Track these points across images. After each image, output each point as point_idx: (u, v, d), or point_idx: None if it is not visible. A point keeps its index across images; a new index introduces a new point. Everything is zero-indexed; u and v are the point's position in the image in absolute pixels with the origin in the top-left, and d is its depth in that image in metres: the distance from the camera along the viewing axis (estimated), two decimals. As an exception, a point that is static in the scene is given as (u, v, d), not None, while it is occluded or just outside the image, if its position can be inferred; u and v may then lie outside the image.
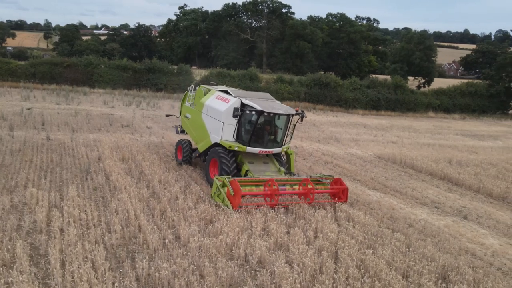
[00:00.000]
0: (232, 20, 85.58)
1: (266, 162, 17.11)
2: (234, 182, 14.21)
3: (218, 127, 16.52)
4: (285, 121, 16.76)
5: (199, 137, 18.11)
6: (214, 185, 14.86)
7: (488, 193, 20.30)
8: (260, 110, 15.54)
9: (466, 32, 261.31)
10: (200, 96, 18.38)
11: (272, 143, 16.93)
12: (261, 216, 14.13)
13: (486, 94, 52.85)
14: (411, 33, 78.36)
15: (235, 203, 13.93)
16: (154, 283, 9.73)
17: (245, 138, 16.31)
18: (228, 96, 16.92)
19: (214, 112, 16.82)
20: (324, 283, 10.10)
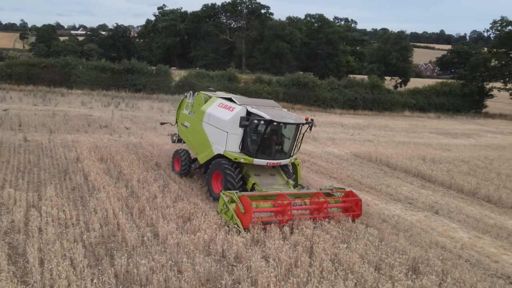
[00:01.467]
0: (211, 21, 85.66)
1: (273, 174, 16.02)
2: (244, 198, 13.04)
3: (221, 137, 15.38)
4: (294, 131, 15.72)
5: (199, 147, 16.92)
6: (221, 201, 13.73)
7: (460, 189, 20.95)
8: (269, 120, 14.45)
9: (442, 32, 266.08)
10: (200, 103, 17.19)
11: (280, 154, 15.84)
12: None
13: (460, 94, 54.14)
14: (388, 33, 79.74)
15: (246, 222, 12.77)
16: (132, 279, 9.92)
17: (251, 149, 15.19)
18: (232, 104, 15.80)
19: (217, 121, 15.66)
20: (299, 276, 10.44)
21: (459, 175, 22.93)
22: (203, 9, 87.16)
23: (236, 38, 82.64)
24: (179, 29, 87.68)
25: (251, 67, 79.12)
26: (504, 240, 15.06)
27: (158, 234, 12.37)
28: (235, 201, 13.27)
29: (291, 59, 78.54)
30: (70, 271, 9.68)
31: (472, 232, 15.45)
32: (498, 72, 55.21)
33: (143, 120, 30.45)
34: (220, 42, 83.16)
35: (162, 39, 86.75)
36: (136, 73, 43.31)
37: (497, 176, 23.45)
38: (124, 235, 11.97)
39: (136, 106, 36.17)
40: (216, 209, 14.14)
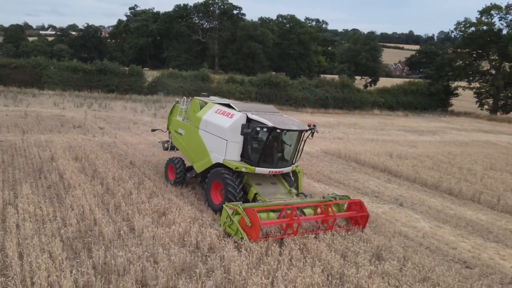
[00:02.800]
0: (183, 21, 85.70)
1: (274, 183, 15.35)
2: (250, 211, 12.39)
3: (220, 146, 14.70)
4: (296, 138, 15.08)
5: (195, 155, 16.16)
6: (224, 214, 13.00)
7: (423, 182, 21.98)
8: (272, 127, 13.82)
9: (411, 33, 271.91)
10: (195, 109, 16.37)
11: (282, 162, 15.20)
12: (210, 211, 15.13)
13: (427, 93, 55.89)
14: (358, 34, 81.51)
15: (254, 235, 12.13)
16: (110, 270, 10.37)
17: (252, 157, 14.50)
18: (231, 110, 15.10)
19: (215, 129, 14.96)
20: (269, 264, 11.12)
21: (423, 169, 23.98)
22: (175, 9, 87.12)
23: (208, 38, 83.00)
24: (151, 29, 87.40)
25: (224, 68, 79.61)
26: (463, 229, 16.04)
27: (134, 228, 12.82)
28: (239, 214, 12.59)
29: (263, 59, 79.37)
30: (49, 263, 10.06)
31: (434, 222, 16.37)
32: (463, 71, 57.20)
33: (117, 120, 30.62)
34: (192, 42, 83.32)
35: (134, 39, 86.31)
36: (108, 74, 43.26)
37: (459, 170, 24.63)
38: (101, 230, 12.39)
39: (109, 107, 36.25)
40: (219, 222, 13.37)
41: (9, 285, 9.33)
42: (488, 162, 27.75)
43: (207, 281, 10.07)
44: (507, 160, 28.90)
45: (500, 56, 55.35)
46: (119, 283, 9.68)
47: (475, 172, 24.41)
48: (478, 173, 24.21)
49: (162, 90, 43.03)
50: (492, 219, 17.50)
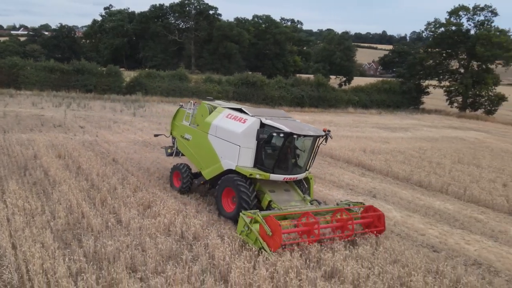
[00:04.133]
0: (159, 21, 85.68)
1: (287, 190, 14.95)
2: (271, 219, 11.96)
3: (233, 151, 14.22)
4: (312, 143, 14.71)
5: (204, 161, 15.61)
6: (241, 222, 12.63)
7: (395, 176, 23.07)
8: (290, 132, 13.53)
9: (384, 33, 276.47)
10: (203, 114, 15.82)
11: (296, 168, 14.87)
12: (195, 201, 15.86)
13: (399, 91, 57.51)
14: (332, 34, 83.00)
15: (275, 244, 11.72)
16: (101, 258, 10.97)
17: (267, 163, 14.12)
18: (243, 115, 14.63)
19: (227, 134, 14.46)
20: (251, 250, 11.90)
21: (395, 163, 25.09)
22: (151, 9, 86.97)
23: (185, 38, 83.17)
24: (127, 29, 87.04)
25: (200, 68, 79.97)
26: (431, 217, 17.12)
27: (121, 220, 13.42)
28: (259, 222, 12.19)
29: (240, 59, 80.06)
30: (42, 252, 10.61)
31: (404, 212, 17.38)
32: (433, 70, 58.94)
33: (97, 119, 30.91)
34: (169, 42, 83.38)
35: (109, 39, 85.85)
36: (86, 74, 43.27)
37: (428, 164, 25.84)
38: (89, 222, 12.93)
39: (88, 106, 36.42)
40: (235, 231, 12.99)
41: (4, 273, 9.83)
42: (456, 156, 29.08)
43: (193, 266, 10.74)
44: (474, 154, 30.32)
45: (468, 56, 57.26)
46: (110, 269, 10.27)
47: (444, 166, 25.64)
48: (446, 167, 25.45)
49: (140, 90, 43.31)
50: (459, 208, 18.64)
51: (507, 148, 34.72)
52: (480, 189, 20.96)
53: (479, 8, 56.32)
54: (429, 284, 10.91)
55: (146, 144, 24.72)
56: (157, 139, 24.40)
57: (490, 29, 55.37)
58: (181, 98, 44.05)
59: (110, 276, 10.02)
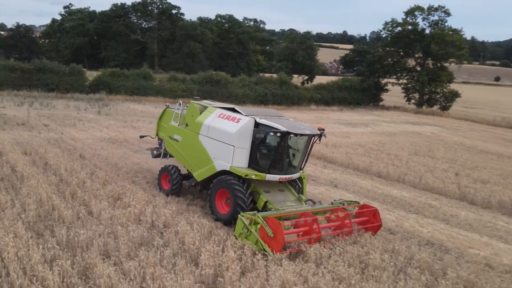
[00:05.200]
0: (121, 21, 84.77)
1: (282, 190, 14.73)
2: (272, 220, 11.84)
3: (226, 152, 13.93)
4: (306, 142, 14.52)
5: (195, 163, 15.25)
6: (240, 224, 12.40)
7: (356, 167, 24.16)
8: (286, 131, 13.30)
9: (345, 33, 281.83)
10: (194, 114, 15.47)
11: (291, 168, 14.70)
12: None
13: (360, 88, 59.14)
14: (294, 33, 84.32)
15: (277, 246, 11.54)
16: (74, 246, 11.37)
17: (262, 164, 13.92)
18: (236, 114, 14.41)
19: (220, 134, 14.16)
20: (220, 235, 12.59)
21: (355, 156, 26.21)
22: (113, 8, 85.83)
23: (147, 38, 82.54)
24: (88, 29, 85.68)
25: (164, 67, 79.64)
26: (389, 204, 18.23)
27: (92, 211, 13.79)
28: (259, 223, 12.03)
29: (203, 58, 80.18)
30: (16, 241, 10.92)
31: (364, 200, 18.32)
32: (391, 68, 60.81)
33: (61, 117, 30.75)
34: (131, 42, 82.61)
35: (69, 39, 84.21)
36: (48, 73, 42.59)
37: (387, 156, 27.10)
38: (60, 213, 13.25)
39: (51, 105, 36.04)
40: (234, 234, 12.72)
41: (-22, 262, 10.13)
42: (413, 149, 30.56)
43: (165, 251, 11.30)
44: (429, 147, 31.90)
45: (424, 54, 59.43)
46: (84, 255, 10.72)
47: (401, 157, 26.97)
48: (403, 158, 26.78)
49: (104, 89, 43.06)
50: (414, 195, 19.86)
51: (460, 141, 36.62)
52: (434, 178, 22.29)
53: (433, 8, 58.58)
54: (386, 261, 11.85)
55: (113, 141, 24.92)
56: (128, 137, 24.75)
57: (444, 29, 57.69)
58: (146, 97, 44.17)
59: (84, 261, 10.46)
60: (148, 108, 38.89)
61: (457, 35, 56.73)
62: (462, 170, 24.88)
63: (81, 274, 10.07)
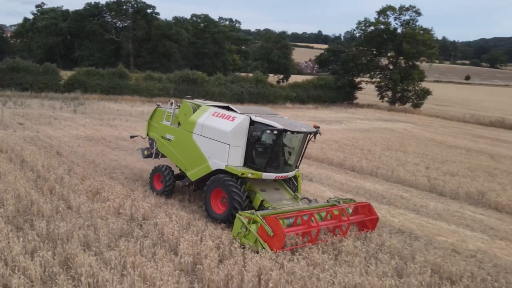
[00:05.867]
0: (95, 20, 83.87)
1: (277, 189, 14.68)
2: (272, 219, 11.77)
3: (221, 151, 13.76)
4: (302, 140, 14.44)
5: (189, 162, 15.04)
6: (238, 224, 12.26)
7: (330, 162, 24.77)
8: (283, 129, 13.18)
9: (320, 33, 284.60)
10: (187, 113, 15.30)
11: (287, 166, 14.59)
12: (142, 187, 16.61)
13: (334, 87, 60.12)
14: (269, 33, 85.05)
15: (278, 245, 11.49)
16: (55, 238, 11.56)
17: (258, 162, 13.82)
18: (231, 112, 14.32)
19: (215, 133, 14.01)
20: (198, 226, 12.96)
21: (330, 151, 26.83)
22: (86, 7, 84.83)
23: (122, 37, 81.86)
24: (61, 28, 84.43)
25: (139, 67, 79.21)
26: (362, 196, 18.82)
27: (71, 206, 13.96)
28: (258, 222, 11.95)
29: (179, 58, 79.99)
30: (-3, 234, 11.07)
31: (338, 192, 18.95)
32: (365, 67, 61.99)
33: (36, 116, 30.52)
34: (106, 41, 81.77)
35: (42, 38, 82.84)
36: (21, 72, 42.09)
37: (360, 151, 27.82)
38: (39, 208, 13.38)
39: (26, 104, 35.65)
40: (231, 232, 12.61)
41: (-41, 254, 10.25)
42: (386, 144, 31.40)
43: (145, 241, 11.60)
44: (401, 143, 32.81)
45: (396, 53, 60.79)
46: (65, 246, 10.94)
47: (374, 152, 27.72)
48: (376, 153, 27.55)
49: (79, 88, 42.75)
50: (386, 188, 20.55)
51: (431, 137, 37.74)
52: (405, 171, 23.06)
53: (405, 8, 59.98)
54: (358, 248, 12.40)
55: (89, 139, 24.94)
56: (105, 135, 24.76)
57: (415, 28, 59.11)
58: (122, 96, 44.03)
59: (65, 252, 10.69)
60: (124, 107, 38.85)
61: (428, 34, 58.23)
62: (432, 164, 25.73)
63: (62, 264, 10.31)
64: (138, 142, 20.65)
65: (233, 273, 10.22)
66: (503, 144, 37.85)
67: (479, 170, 25.19)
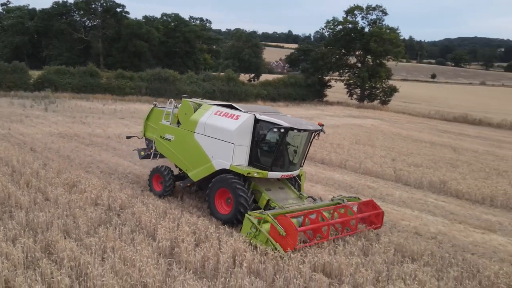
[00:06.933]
0: (63, 19, 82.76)
1: (282, 188, 14.51)
2: (283, 218, 11.52)
3: (226, 150, 13.54)
4: (307, 138, 14.31)
5: (191, 162, 14.73)
6: (247, 224, 12.02)
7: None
8: (290, 127, 12.98)
9: (290, 33, 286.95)
10: (187, 112, 14.95)
11: (292, 165, 14.38)
12: (117, 180, 17.00)
13: (304, 85, 61.24)
14: (240, 32, 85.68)
15: (290, 244, 11.26)
16: (34, 227, 11.87)
17: (264, 161, 13.62)
18: (235, 111, 14.08)
19: (218, 132, 13.75)
20: (174, 214, 13.48)
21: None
22: (54, 6, 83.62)
23: (92, 37, 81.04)
24: (28, 27, 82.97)
25: (109, 66, 78.61)
26: (331, 186, 19.67)
27: (49, 197, 14.23)
28: (269, 222, 11.68)
29: (150, 57, 79.73)
30: (-25, 225, 11.33)
31: (308, 183, 19.64)
32: (334, 65, 63.41)
33: (7, 114, 30.28)
34: (74, 41, 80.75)
35: (8, 37, 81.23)
36: (-12, 70, 41.66)
37: (330, 145, 28.70)
38: (17, 200, 13.59)
39: (-6, 103, 35.37)
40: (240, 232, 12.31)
41: None
42: (354, 139, 32.45)
43: (123, 228, 12.05)
44: (369, 137, 33.93)
45: (364, 51, 62.34)
46: (45, 234, 11.29)
47: (343, 146, 28.67)
48: (345, 147, 28.50)
49: (49, 86, 42.38)
50: (355, 178, 21.44)
51: (397, 132, 39.10)
52: (373, 163, 24.03)
53: (372, 8, 61.65)
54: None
55: (63, 136, 25.02)
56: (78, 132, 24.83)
57: (382, 27, 60.84)
58: (93, 94, 43.86)
59: (46, 239, 11.05)
60: (96, 105, 38.80)
61: (394, 33, 59.95)
62: (398, 156, 26.83)
63: (43, 250, 10.65)
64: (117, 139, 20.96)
65: (209, 255, 10.80)
66: (465, 138, 39.53)
67: (442, 161, 26.42)
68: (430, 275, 10.88)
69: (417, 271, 10.94)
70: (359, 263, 11.08)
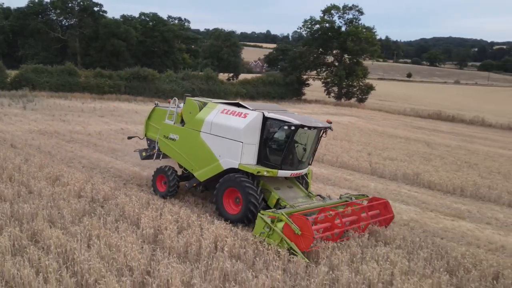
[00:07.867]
0: (39, 18, 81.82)
1: (290, 187, 14.31)
2: (298, 217, 11.34)
3: (234, 149, 13.29)
4: (316, 136, 14.23)
5: (197, 162, 14.46)
6: (260, 223, 11.80)
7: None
8: (300, 124, 12.81)
9: (268, 33, 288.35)
10: (193, 111, 14.70)
11: (301, 163, 14.27)
12: (100, 174, 17.30)
13: (283, 83, 61.86)
14: (219, 31, 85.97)
15: (306, 244, 11.08)
16: (20, 218, 12.14)
17: (273, 159, 13.43)
18: (242, 109, 13.83)
19: (226, 130, 13.51)
20: (157, 204, 13.91)
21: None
22: (30, 5, 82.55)
23: (69, 36, 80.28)
24: (3, 26, 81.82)
25: (87, 66, 78.01)
26: (320, 182, 20.16)
27: (32, 190, 14.47)
28: (283, 221, 11.48)
29: (128, 57, 79.40)
30: (-38, 215, 11.56)
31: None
32: (312, 64, 64.23)
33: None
34: (51, 40, 79.91)
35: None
36: (-35, 69, 41.13)
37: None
38: (1, 193, 13.78)
39: (-25, 102, 35.02)
40: (252, 232, 12.10)
41: None
42: (331, 134, 32.98)
43: (108, 218, 12.42)
44: (346, 133, 34.77)
45: (341, 50, 63.31)
46: (31, 223, 11.59)
47: (321, 142, 29.21)
48: (322, 142, 28.86)
49: (27, 85, 42.02)
50: (332, 172, 22.12)
51: (373, 128, 40.10)
52: (349, 157, 24.79)
53: (348, 7, 62.70)
54: (304, 219, 13.69)
55: (43, 133, 25.08)
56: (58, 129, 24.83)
57: (358, 26, 61.87)
58: (72, 93, 43.67)
59: (32, 228, 11.36)
60: (75, 104, 38.68)
61: (370, 33, 61.11)
62: (374, 151, 27.66)
63: (30, 238, 10.97)
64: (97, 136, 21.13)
65: (192, 240, 11.27)
66: (439, 134, 40.78)
67: (416, 155, 27.35)
68: (402, 256, 11.54)
69: (389, 253, 11.60)
70: (335, 246, 11.64)
